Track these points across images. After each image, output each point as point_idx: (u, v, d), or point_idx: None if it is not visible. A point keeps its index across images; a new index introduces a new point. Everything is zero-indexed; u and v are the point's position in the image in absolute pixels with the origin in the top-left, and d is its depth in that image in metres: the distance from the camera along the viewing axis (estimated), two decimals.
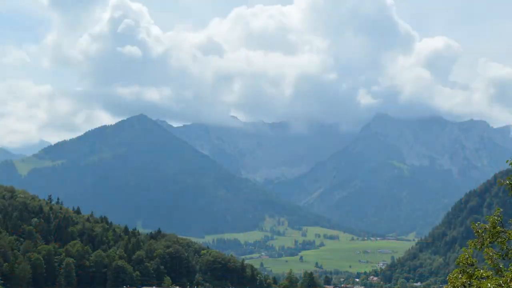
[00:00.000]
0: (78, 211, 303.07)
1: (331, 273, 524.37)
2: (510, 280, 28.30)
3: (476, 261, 30.89)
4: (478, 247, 30.62)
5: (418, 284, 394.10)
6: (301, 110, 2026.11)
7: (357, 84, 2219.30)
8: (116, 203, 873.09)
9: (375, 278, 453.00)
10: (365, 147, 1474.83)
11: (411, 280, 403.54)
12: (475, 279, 29.87)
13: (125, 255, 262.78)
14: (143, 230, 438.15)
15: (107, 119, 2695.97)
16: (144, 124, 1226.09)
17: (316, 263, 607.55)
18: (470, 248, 30.96)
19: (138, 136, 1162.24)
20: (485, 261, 30.61)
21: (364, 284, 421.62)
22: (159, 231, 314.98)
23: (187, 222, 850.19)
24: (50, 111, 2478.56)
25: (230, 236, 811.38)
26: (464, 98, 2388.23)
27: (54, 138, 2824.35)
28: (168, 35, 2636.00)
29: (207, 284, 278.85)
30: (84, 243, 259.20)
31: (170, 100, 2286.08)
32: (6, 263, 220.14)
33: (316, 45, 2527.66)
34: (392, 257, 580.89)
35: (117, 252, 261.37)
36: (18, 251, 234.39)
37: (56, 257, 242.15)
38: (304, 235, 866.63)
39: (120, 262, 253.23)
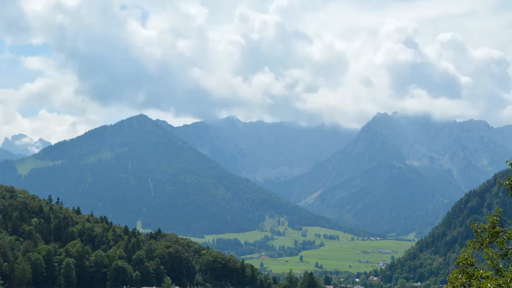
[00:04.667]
0: (78, 211, 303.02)
1: (331, 273, 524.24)
2: (510, 280, 28.30)
3: (476, 261, 30.89)
4: (477, 247, 30.63)
5: (418, 284, 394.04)
6: (302, 110, 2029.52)
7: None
8: (116, 203, 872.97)
9: (375, 278, 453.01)
10: (365, 147, 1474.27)
11: (411, 280, 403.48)
12: (475, 279, 29.87)
13: (125, 255, 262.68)
14: (143, 230, 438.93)
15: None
16: (144, 124, 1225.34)
17: (316, 263, 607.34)
18: (469, 248, 30.96)
19: (138, 136, 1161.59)
20: (485, 261, 30.60)
21: (364, 284, 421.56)
22: (159, 231, 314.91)
23: (187, 222, 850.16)
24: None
25: (230, 236, 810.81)
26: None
27: (54, 138, 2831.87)
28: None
29: (207, 284, 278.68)
30: (84, 243, 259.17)
31: (171, 99, 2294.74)
32: (6, 263, 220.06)
33: None
34: (392, 257, 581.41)
35: (117, 252, 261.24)
36: (18, 251, 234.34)
37: (56, 257, 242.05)
38: (304, 235, 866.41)
39: (120, 262, 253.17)
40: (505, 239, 30.08)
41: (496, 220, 30.35)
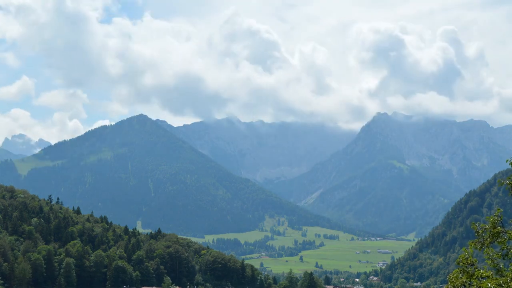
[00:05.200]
0: (78, 211, 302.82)
1: (331, 273, 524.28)
2: (510, 280, 28.28)
3: (476, 261, 30.86)
4: (479, 247, 30.59)
5: (418, 284, 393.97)
6: (302, 110, 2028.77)
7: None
8: (116, 203, 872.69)
9: (375, 278, 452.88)
10: (365, 147, 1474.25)
11: (411, 280, 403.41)
12: (475, 279, 29.84)
13: (125, 255, 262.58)
14: (143, 230, 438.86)
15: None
16: (144, 124, 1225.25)
17: (316, 263, 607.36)
18: (470, 248, 30.92)
19: (138, 136, 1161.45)
20: (485, 261, 30.57)
21: (364, 284, 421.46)
22: (159, 231, 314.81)
23: (187, 222, 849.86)
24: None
25: (230, 236, 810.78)
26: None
27: (54, 138, 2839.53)
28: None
29: (207, 284, 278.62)
30: (84, 243, 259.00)
31: (171, 99, 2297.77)
32: (6, 263, 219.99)
33: None
34: (392, 257, 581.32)
35: (117, 252, 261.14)
36: (18, 251, 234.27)
37: (56, 257, 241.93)
38: (304, 235, 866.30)
39: (120, 262, 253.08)
40: (506, 239, 30.06)
41: (497, 220, 30.33)
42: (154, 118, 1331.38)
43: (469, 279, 30.05)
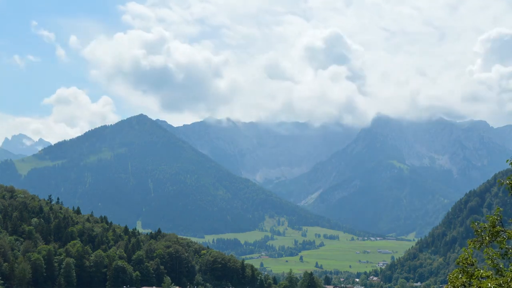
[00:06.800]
0: (78, 211, 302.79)
1: (331, 273, 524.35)
2: (510, 280, 28.26)
3: (476, 260, 30.85)
4: (478, 246, 30.58)
5: (418, 284, 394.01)
6: (302, 110, 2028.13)
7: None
8: (116, 203, 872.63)
9: (375, 278, 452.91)
10: (365, 147, 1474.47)
11: (411, 280, 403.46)
12: (475, 278, 29.82)
13: (125, 255, 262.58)
14: (143, 230, 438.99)
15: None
16: (144, 124, 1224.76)
17: (316, 263, 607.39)
18: (469, 248, 30.92)
19: (138, 136, 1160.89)
20: (485, 261, 30.55)
21: (364, 284, 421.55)
22: (159, 231, 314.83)
23: (187, 222, 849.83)
24: None
25: (230, 236, 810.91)
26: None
27: (54, 138, 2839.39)
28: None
29: (207, 284, 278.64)
30: (84, 243, 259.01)
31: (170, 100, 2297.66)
32: (6, 263, 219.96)
33: None
34: (392, 257, 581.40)
35: (117, 252, 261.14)
36: (18, 251, 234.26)
37: (56, 257, 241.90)
38: (304, 235, 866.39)
39: (120, 262, 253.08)
40: (505, 238, 30.04)
41: (496, 219, 30.31)
42: (154, 118, 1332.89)
43: (469, 279, 30.02)
